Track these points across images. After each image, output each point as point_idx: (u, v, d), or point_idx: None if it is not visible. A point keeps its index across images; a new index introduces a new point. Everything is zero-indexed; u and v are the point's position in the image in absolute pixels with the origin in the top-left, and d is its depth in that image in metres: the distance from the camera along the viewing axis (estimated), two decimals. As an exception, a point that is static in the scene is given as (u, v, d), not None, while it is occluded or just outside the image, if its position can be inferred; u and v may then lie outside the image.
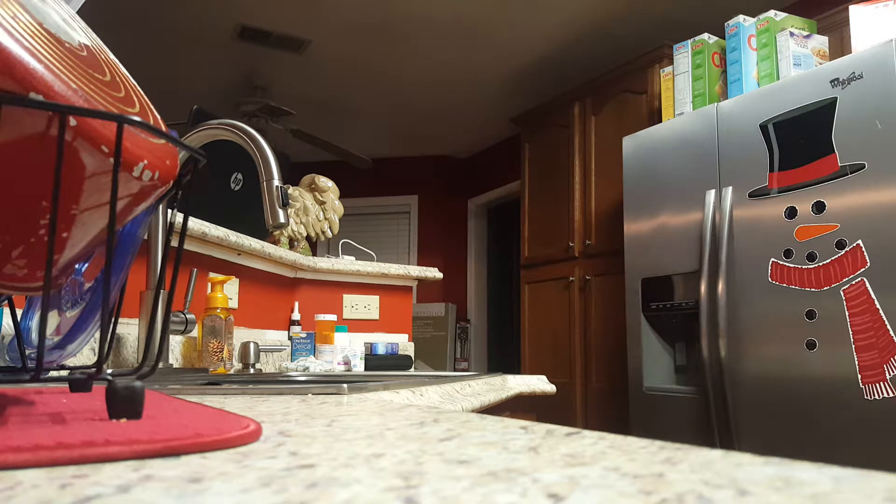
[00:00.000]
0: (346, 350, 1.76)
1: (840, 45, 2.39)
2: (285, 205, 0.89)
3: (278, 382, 1.10)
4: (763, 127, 2.11)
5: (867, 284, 1.83)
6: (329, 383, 0.88)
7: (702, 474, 0.24)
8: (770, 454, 2.04)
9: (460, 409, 0.80)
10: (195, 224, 1.35)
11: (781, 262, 2.05)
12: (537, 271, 3.60)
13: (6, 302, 0.51)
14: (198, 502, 0.20)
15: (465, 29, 3.56)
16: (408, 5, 3.36)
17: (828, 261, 1.93)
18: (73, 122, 0.31)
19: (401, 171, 5.53)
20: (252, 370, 1.44)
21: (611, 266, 3.14)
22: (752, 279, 2.14)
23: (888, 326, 1.78)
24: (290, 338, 1.83)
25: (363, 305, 2.08)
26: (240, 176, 1.78)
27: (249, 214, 1.70)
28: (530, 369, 3.58)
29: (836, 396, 1.89)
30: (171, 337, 1.23)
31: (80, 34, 0.40)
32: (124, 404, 0.34)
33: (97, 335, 0.44)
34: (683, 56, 2.60)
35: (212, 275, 1.42)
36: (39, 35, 0.34)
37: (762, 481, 0.23)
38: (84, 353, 1.00)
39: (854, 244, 1.87)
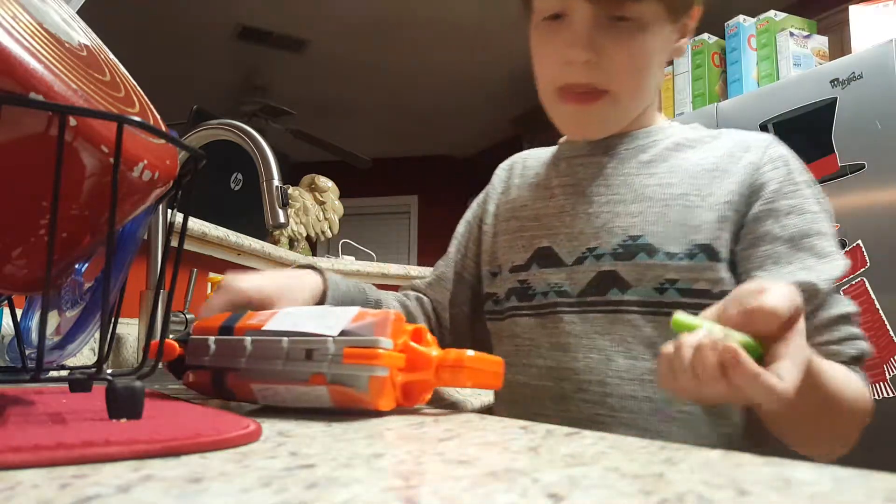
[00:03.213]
0: (346, 350, 1.75)
1: (840, 45, 2.39)
2: (285, 205, 0.89)
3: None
4: (763, 127, 2.11)
5: (867, 284, 1.83)
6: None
7: (702, 474, 0.24)
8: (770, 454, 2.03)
9: (460, 410, 0.80)
10: (195, 224, 1.35)
11: (781, 262, 2.05)
12: (537, 271, 3.60)
13: (6, 302, 0.51)
14: (198, 502, 0.20)
15: (465, 29, 3.56)
16: (408, 5, 3.36)
17: (828, 261, 1.93)
18: (73, 122, 0.31)
19: (401, 171, 5.52)
20: (252, 370, 1.44)
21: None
22: (752, 279, 2.13)
23: (888, 326, 1.78)
24: (290, 338, 1.82)
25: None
26: (240, 176, 1.78)
27: (249, 214, 1.70)
28: (530, 369, 3.57)
29: (836, 396, 1.89)
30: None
31: (80, 34, 0.40)
32: (124, 404, 0.34)
33: (97, 335, 0.44)
34: (683, 56, 2.60)
35: (212, 275, 1.42)
36: (39, 35, 0.34)
37: (762, 481, 0.23)
38: (84, 353, 1.00)
39: (854, 244, 1.87)
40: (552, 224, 0.76)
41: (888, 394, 1.75)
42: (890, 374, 1.76)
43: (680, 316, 0.47)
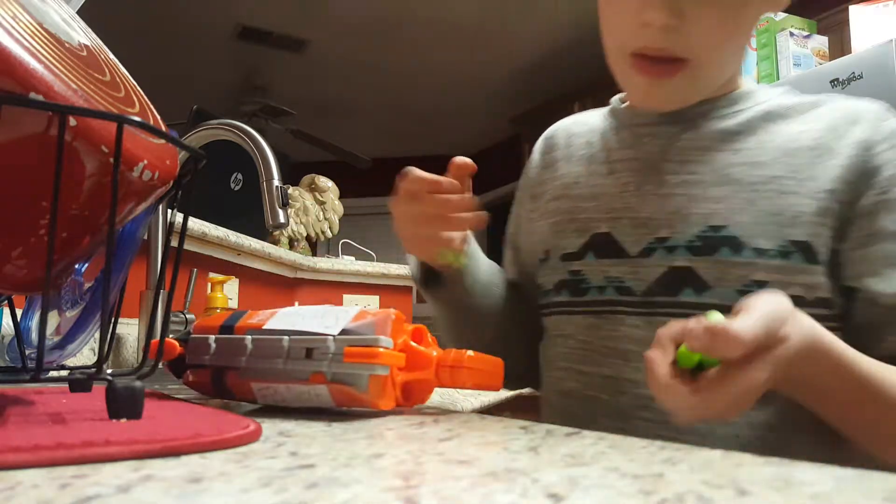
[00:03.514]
0: (346, 350, 1.75)
1: (840, 45, 2.39)
2: (285, 205, 0.89)
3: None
4: (763, 127, 2.11)
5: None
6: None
7: (702, 474, 0.24)
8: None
9: (460, 409, 0.80)
10: (195, 224, 1.35)
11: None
12: (537, 271, 3.60)
13: (6, 302, 0.51)
14: (198, 502, 0.20)
15: (464, 29, 3.56)
16: (408, 5, 3.35)
17: (828, 261, 1.93)
18: (73, 122, 0.31)
19: (401, 171, 5.52)
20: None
21: (611, 266, 3.13)
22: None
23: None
24: (290, 338, 1.82)
25: (363, 305, 2.08)
26: (240, 176, 1.78)
27: (249, 214, 1.70)
28: (530, 369, 3.57)
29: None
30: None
31: (80, 34, 0.40)
32: (124, 404, 0.34)
33: (97, 335, 0.44)
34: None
35: (212, 275, 1.42)
36: (39, 35, 0.34)
37: (762, 481, 0.23)
38: (84, 353, 1.00)
39: (854, 244, 1.87)
40: (612, 206, 0.64)
41: None
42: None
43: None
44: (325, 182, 2.21)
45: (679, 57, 0.57)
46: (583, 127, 0.74)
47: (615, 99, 0.72)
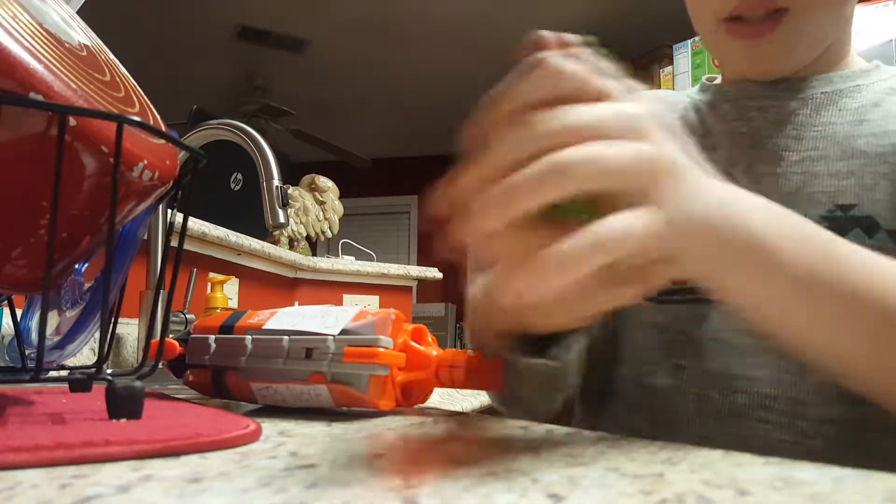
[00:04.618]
0: (346, 350, 1.75)
1: (840, 45, 2.38)
2: (285, 205, 0.89)
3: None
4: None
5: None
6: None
7: (702, 474, 0.24)
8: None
9: (460, 409, 0.80)
10: (195, 224, 1.35)
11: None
12: (537, 271, 3.59)
13: (6, 302, 0.51)
14: (198, 502, 0.20)
15: (465, 29, 3.56)
16: (408, 5, 3.35)
17: (828, 261, 1.92)
18: (73, 122, 0.31)
19: (401, 171, 5.52)
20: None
21: (611, 266, 3.12)
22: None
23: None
24: (290, 338, 1.82)
25: (363, 305, 2.07)
26: (240, 176, 1.78)
27: (249, 214, 1.70)
28: (530, 369, 3.57)
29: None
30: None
31: (80, 34, 0.40)
32: (124, 404, 0.34)
33: (97, 335, 0.44)
34: (683, 56, 2.60)
35: (212, 275, 1.42)
36: (39, 35, 0.34)
37: (762, 481, 0.23)
38: (84, 353, 1.00)
39: (854, 244, 1.87)
40: None
41: None
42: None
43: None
44: (325, 182, 2.21)
45: (779, 7, 0.52)
46: (672, 104, 0.67)
47: (704, 79, 0.68)
